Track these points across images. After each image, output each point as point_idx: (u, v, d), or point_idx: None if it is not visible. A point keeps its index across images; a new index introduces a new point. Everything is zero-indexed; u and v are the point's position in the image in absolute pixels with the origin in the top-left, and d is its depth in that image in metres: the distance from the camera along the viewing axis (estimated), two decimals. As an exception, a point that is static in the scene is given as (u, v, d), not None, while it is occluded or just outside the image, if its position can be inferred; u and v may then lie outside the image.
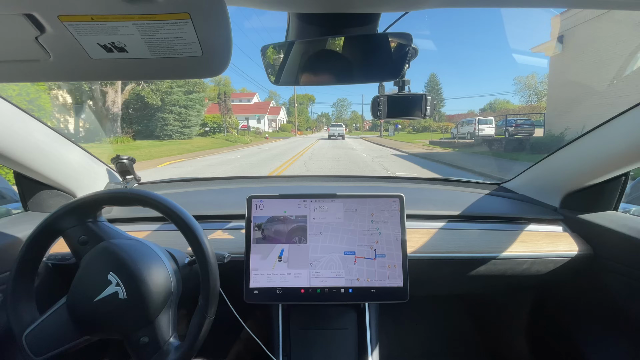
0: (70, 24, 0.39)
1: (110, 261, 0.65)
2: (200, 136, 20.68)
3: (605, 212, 1.04)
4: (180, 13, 0.38)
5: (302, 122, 63.17)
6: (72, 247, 0.69)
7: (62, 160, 1.02)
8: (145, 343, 0.64)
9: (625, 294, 0.94)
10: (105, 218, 0.75)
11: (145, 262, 0.67)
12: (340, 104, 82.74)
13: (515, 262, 0.99)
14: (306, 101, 69.45)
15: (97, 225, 0.70)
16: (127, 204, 0.69)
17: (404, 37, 0.66)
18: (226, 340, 1.39)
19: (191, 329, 0.65)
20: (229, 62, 0.47)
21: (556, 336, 1.18)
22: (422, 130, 31.67)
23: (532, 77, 34.05)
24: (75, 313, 0.65)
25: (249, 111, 41.02)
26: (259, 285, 0.86)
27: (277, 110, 47.63)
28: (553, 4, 0.54)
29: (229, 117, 23.51)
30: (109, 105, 15.62)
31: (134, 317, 0.64)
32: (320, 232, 0.89)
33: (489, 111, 39.02)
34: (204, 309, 0.65)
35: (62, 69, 0.49)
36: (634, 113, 0.80)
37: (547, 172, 1.16)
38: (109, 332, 0.65)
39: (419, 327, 1.53)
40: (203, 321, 0.65)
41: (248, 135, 25.04)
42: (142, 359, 0.64)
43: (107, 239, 0.68)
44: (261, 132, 32.90)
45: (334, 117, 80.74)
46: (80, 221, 0.68)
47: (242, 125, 26.11)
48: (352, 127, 69.31)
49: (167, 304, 0.67)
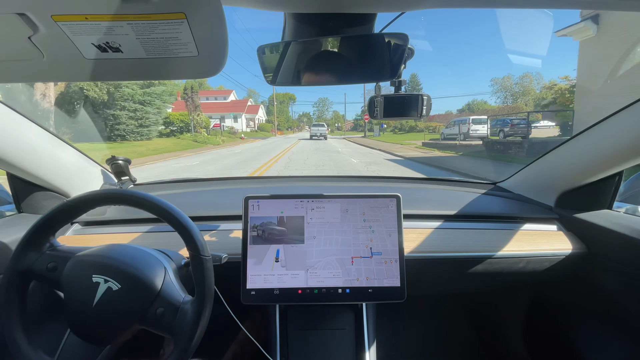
0: (63, 23, 0.38)
1: (87, 267, 0.65)
2: (165, 137, 18.44)
3: (599, 210, 1.05)
4: (175, 13, 0.38)
5: (283, 122, 61.49)
6: (46, 279, 0.67)
7: (56, 161, 1.01)
8: (162, 313, 0.64)
9: (619, 291, 0.95)
10: (100, 220, 0.74)
11: (117, 251, 0.68)
12: (321, 103, 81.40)
13: (511, 260, 1.00)
14: (287, 100, 67.55)
15: (57, 250, 0.69)
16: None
17: (400, 38, 0.66)
18: (223, 342, 1.38)
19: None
20: (225, 62, 0.47)
21: (552, 333, 1.19)
22: (408, 130, 31.01)
23: (507, 79, 34.78)
24: (85, 331, 0.65)
25: (225, 109, 39.30)
26: (256, 286, 0.86)
27: (256, 109, 45.12)
28: (548, 4, 0.54)
29: (197, 114, 20.48)
30: (37, 100, 12.12)
31: (139, 296, 0.64)
32: (317, 233, 0.89)
33: (467, 112, 39.20)
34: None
35: (56, 69, 0.48)
36: (627, 112, 0.81)
37: (542, 172, 1.17)
38: (126, 324, 0.65)
39: (417, 327, 1.53)
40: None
41: (221, 135, 22.73)
42: (168, 327, 0.64)
43: (71, 256, 0.68)
44: (236, 132, 30.09)
45: (315, 117, 79.17)
46: (38, 252, 0.67)
47: (215, 124, 23.81)
48: (333, 127, 67.81)
49: (165, 271, 0.68)
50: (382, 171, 8.75)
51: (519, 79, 34.12)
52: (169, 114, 19.31)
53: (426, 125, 29.15)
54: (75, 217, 0.70)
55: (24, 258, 0.66)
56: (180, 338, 0.63)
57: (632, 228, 0.89)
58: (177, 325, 0.63)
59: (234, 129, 31.76)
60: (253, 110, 43.99)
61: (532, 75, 33.41)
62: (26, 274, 0.66)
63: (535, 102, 31.98)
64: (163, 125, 18.58)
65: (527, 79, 33.63)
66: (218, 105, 40.93)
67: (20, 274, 0.65)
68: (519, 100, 33.12)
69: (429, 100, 0.82)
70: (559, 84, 15.73)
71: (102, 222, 1.09)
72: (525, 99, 32.78)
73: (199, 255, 0.66)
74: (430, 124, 29.18)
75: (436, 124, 28.79)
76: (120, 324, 0.65)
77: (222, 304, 0.82)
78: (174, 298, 0.65)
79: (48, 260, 0.66)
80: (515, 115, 16.01)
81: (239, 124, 39.20)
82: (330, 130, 53.00)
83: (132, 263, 0.66)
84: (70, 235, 1.05)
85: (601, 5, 0.53)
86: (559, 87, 15.28)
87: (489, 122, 15.36)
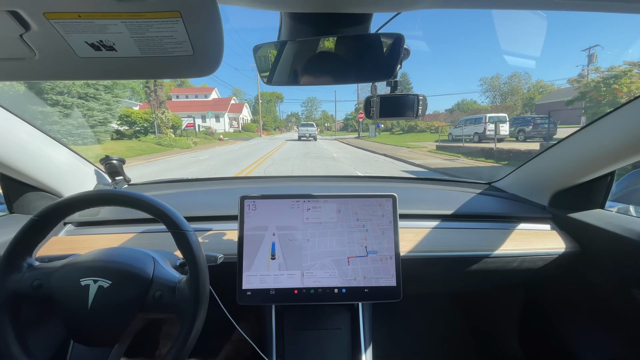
0: (56, 21, 0.38)
1: (74, 274, 0.64)
2: (127, 138, 15.43)
3: (592, 210, 1.06)
4: (170, 11, 0.37)
5: (270, 122, 59.03)
6: (35, 298, 0.65)
7: (48, 161, 0.99)
8: (160, 295, 0.64)
9: (611, 289, 0.96)
10: (93, 220, 0.74)
11: (101, 253, 0.68)
12: (310, 102, 78.38)
13: (506, 260, 1.01)
14: (274, 99, 65.02)
15: (37, 268, 0.67)
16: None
17: (396, 38, 0.66)
18: (218, 342, 1.38)
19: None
20: (221, 62, 0.47)
21: (546, 331, 1.21)
22: (407, 130, 28.67)
23: (496, 79, 34.95)
24: (87, 337, 0.64)
25: (206, 108, 36.87)
26: (252, 286, 0.86)
27: (240, 108, 42.81)
28: (542, 6, 0.54)
29: (161, 112, 17.04)
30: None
31: (133, 286, 0.64)
32: (313, 232, 0.89)
33: (458, 111, 39.09)
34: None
35: (48, 68, 0.47)
36: (619, 113, 0.82)
37: (536, 172, 1.19)
38: (127, 318, 0.64)
39: (412, 326, 1.54)
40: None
41: (195, 136, 19.81)
42: (170, 306, 0.64)
43: (54, 270, 0.66)
44: (214, 133, 26.05)
45: (303, 117, 76.78)
46: (19, 273, 0.65)
47: (188, 123, 20.47)
48: (323, 127, 64.91)
49: (154, 261, 0.68)
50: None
51: (507, 79, 34.53)
52: (131, 112, 16.18)
53: (428, 125, 27.32)
54: (47, 233, 0.67)
55: (6, 281, 0.63)
56: (184, 313, 0.63)
57: (624, 227, 0.90)
58: (178, 302, 0.63)
59: (211, 129, 27.63)
60: (237, 109, 41.91)
61: (521, 75, 33.74)
62: (13, 297, 0.64)
63: (524, 102, 32.08)
64: (126, 125, 15.82)
65: (516, 79, 33.97)
66: (198, 104, 38.29)
67: (6, 299, 0.63)
68: (507, 100, 33.47)
69: (424, 101, 0.82)
70: (592, 78, 13.07)
71: (96, 223, 1.08)
72: (514, 99, 33.02)
73: (181, 231, 0.65)
74: (433, 124, 27.33)
75: (439, 123, 26.93)
76: (121, 318, 0.64)
77: (218, 305, 0.81)
78: (168, 280, 0.66)
79: (32, 279, 0.65)
80: (530, 113, 14.20)
81: (221, 123, 37.12)
82: (320, 130, 50.02)
83: (119, 260, 0.66)
84: (63, 236, 1.03)
85: (599, 7, 0.54)
86: (591, 80, 12.79)
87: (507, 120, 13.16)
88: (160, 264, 0.69)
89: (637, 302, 0.87)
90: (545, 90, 32.89)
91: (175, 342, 0.63)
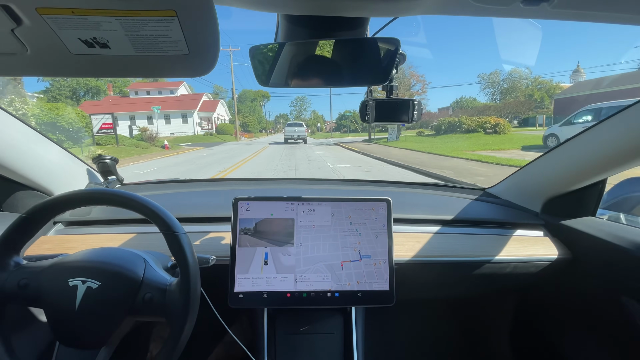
0: (49, 17, 0.37)
1: (62, 274, 0.63)
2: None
3: (583, 217, 1.07)
4: (166, 10, 0.37)
5: (254, 122, 52.59)
6: (21, 298, 0.64)
7: (39, 159, 0.98)
8: (150, 297, 0.63)
9: (602, 296, 0.97)
10: (84, 220, 0.72)
11: (89, 253, 0.67)
12: (299, 102, 70.22)
13: (499, 265, 1.01)
14: (259, 98, 59.35)
15: (24, 267, 0.66)
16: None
17: (392, 42, 0.67)
18: (210, 345, 1.36)
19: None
20: (216, 62, 0.46)
21: (538, 338, 1.21)
22: (445, 130, 19.28)
23: (495, 75, 34.14)
24: (74, 339, 0.63)
25: (171, 106, 30.90)
26: (244, 289, 0.85)
27: (213, 106, 35.39)
28: (538, 15, 0.55)
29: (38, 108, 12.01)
30: None
31: (122, 287, 0.63)
32: (307, 235, 0.88)
33: (457, 109, 37.97)
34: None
35: (40, 64, 0.47)
36: (611, 122, 0.83)
37: (529, 178, 1.20)
38: (115, 319, 0.63)
39: (405, 331, 1.54)
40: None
41: (117, 143, 14.44)
42: (159, 310, 0.63)
43: (41, 269, 0.65)
44: (154, 137, 18.60)
45: (292, 117, 68.85)
46: (6, 272, 0.64)
47: (103, 124, 14.35)
48: (314, 128, 58.12)
49: (145, 262, 0.67)
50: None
51: (507, 75, 33.68)
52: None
53: (479, 123, 18.12)
54: (35, 231, 0.66)
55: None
56: (174, 317, 0.62)
57: (615, 235, 0.91)
58: (168, 305, 0.62)
59: (151, 133, 19.03)
60: (209, 107, 34.65)
61: (521, 70, 32.85)
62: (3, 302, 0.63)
63: (525, 97, 31.34)
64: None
65: (516, 75, 32.99)
66: (160, 101, 30.48)
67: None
68: (508, 96, 32.98)
69: (419, 106, 0.83)
70: None
71: (86, 223, 1.06)
72: (514, 95, 32.46)
73: (173, 233, 0.64)
74: (487, 120, 18.44)
75: (497, 119, 18.59)
76: (109, 320, 0.63)
77: (209, 307, 0.80)
78: (159, 282, 0.64)
79: (18, 277, 0.63)
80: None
81: (189, 124, 31.02)
82: (311, 131, 43.13)
83: (108, 260, 0.65)
84: (53, 235, 1.02)
85: (597, 18, 0.54)
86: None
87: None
88: (151, 266, 0.68)
89: (626, 309, 0.88)
90: (544, 87, 32.40)
91: (164, 345, 0.61)
